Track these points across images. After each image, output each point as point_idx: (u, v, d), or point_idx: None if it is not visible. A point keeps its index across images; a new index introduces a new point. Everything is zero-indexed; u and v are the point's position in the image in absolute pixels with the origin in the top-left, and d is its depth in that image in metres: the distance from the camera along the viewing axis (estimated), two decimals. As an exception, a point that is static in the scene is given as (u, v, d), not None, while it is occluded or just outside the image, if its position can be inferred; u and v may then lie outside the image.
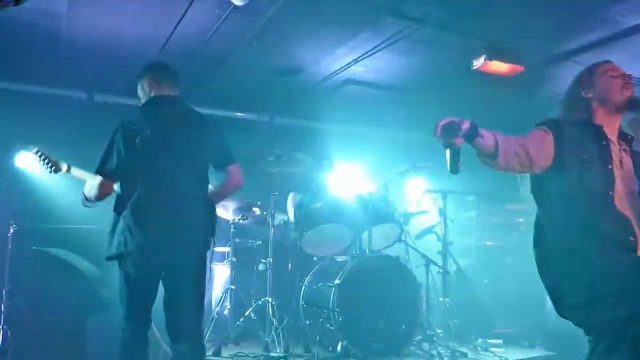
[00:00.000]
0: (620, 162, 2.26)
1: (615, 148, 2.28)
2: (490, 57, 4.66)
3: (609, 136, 2.28)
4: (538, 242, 2.31)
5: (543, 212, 2.30)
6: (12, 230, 4.44)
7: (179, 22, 4.13)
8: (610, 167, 2.21)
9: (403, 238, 4.81)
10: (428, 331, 4.35)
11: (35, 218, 4.80)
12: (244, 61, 4.90)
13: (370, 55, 4.80)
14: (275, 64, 5.02)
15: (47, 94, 5.23)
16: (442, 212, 5.08)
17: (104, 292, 4.28)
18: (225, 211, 4.74)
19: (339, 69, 5.17)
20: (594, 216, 2.14)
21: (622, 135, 2.38)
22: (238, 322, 4.27)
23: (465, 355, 4.17)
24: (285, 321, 4.20)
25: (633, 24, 4.15)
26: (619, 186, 2.20)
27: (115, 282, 2.92)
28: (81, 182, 3.11)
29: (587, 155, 2.21)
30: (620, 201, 2.18)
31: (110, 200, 3.23)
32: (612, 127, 2.32)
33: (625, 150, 2.33)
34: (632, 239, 2.12)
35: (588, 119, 2.30)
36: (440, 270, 4.92)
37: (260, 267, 4.72)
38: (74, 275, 4.23)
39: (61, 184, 5.26)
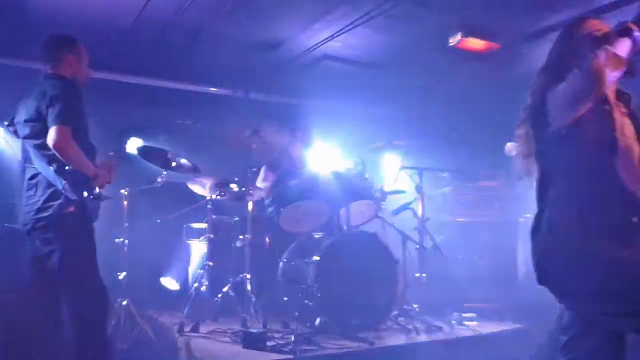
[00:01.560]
0: (623, 128, 2.10)
1: (617, 111, 2.11)
2: (466, 34, 4.69)
3: (610, 100, 2.10)
4: (537, 212, 2.15)
5: (546, 182, 2.12)
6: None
7: (154, -8, 4.03)
8: (614, 135, 2.06)
9: (380, 214, 4.84)
10: (405, 306, 4.42)
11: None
12: (219, 35, 4.82)
13: (347, 30, 4.77)
14: (251, 39, 4.95)
15: (13, 67, 5.03)
16: (419, 189, 5.12)
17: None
18: (202, 188, 4.68)
19: (315, 44, 5.12)
20: (599, 189, 2.03)
21: (620, 95, 2.20)
22: (216, 299, 4.26)
23: (440, 329, 4.25)
24: (263, 297, 4.20)
25: (608, 1, 4.19)
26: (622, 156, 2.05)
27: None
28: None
29: (599, 119, 2.06)
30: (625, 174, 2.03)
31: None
32: (609, 92, 2.11)
33: (625, 114, 2.15)
34: (635, 220, 1.99)
35: None
36: (417, 246, 4.98)
37: (238, 243, 4.69)
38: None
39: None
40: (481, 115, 6.13)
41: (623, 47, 2.00)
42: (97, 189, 3.02)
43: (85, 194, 2.90)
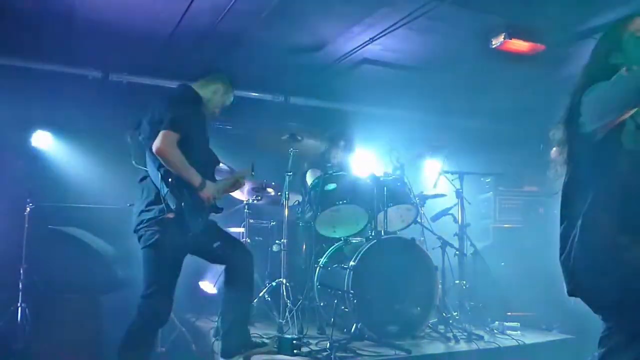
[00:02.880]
0: None
1: None
2: (509, 36, 4.55)
3: None
4: (565, 220, 2.04)
5: (578, 187, 2.02)
6: (28, 209, 4.48)
7: (192, 0, 4.08)
8: None
9: (419, 220, 4.75)
10: (444, 313, 4.31)
11: (51, 197, 4.84)
12: (258, 39, 4.84)
13: (387, 33, 4.71)
14: (290, 43, 4.96)
15: (62, 73, 5.22)
16: (459, 194, 5.01)
17: (120, 271, 4.31)
18: (240, 191, 4.72)
19: (355, 48, 5.08)
20: (637, 198, 1.90)
21: None
22: (252, 303, 4.27)
23: (481, 337, 4.12)
24: (299, 302, 4.18)
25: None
26: None
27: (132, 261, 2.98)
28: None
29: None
30: None
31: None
32: None
33: None
34: None
35: None
36: (457, 253, 4.87)
37: (275, 248, 4.70)
38: (89, 254, 4.27)
39: (77, 163, 5.31)
40: (526, 118, 5.96)
41: None
42: (210, 200, 3.08)
43: (185, 203, 2.93)
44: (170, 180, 2.93)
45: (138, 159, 3.13)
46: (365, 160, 5.25)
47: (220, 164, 4.18)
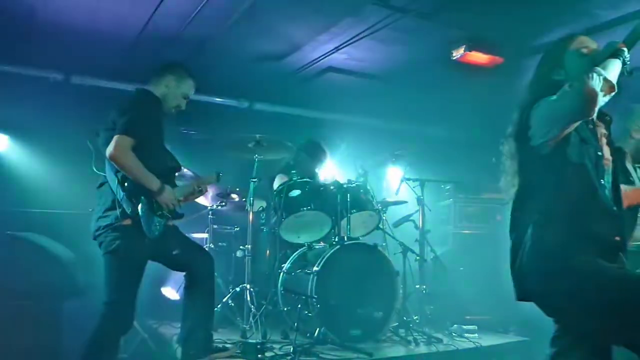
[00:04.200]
0: (602, 149, 2.14)
1: (599, 132, 2.16)
2: (470, 48, 4.71)
3: (595, 119, 2.14)
4: (515, 229, 2.16)
5: (528, 196, 2.12)
6: (-15, 214, 4.36)
7: (159, 4, 4.07)
8: (599, 153, 2.09)
9: (381, 226, 4.85)
10: (405, 317, 4.41)
11: (9, 202, 4.72)
12: (224, 45, 4.86)
13: (352, 42, 4.80)
14: (256, 49, 4.99)
15: (21, 75, 5.10)
16: (420, 201, 5.13)
17: (81, 277, 4.24)
18: (204, 197, 4.71)
19: (320, 56, 5.16)
20: (584, 208, 2.02)
21: (602, 116, 2.21)
22: (216, 309, 4.25)
23: (440, 340, 4.23)
24: (263, 308, 4.20)
25: (611, 18, 4.21)
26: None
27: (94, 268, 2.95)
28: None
29: (585, 136, 2.07)
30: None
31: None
32: None
33: (604, 135, 2.19)
34: (618, 238, 2.03)
35: None
36: (418, 258, 4.98)
37: (239, 253, 4.71)
38: (49, 259, 4.18)
39: (36, 167, 5.19)
40: (485, 127, 6.14)
41: (614, 70, 1.99)
42: (169, 206, 3.05)
43: (140, 208, 2.90)
44: (126, 184, 2.91)
45: (98, 165, 3.10)
46: (329, 167, 5.31)
47: (184, 170, 4.20)
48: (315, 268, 3.99)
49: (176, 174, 3.34)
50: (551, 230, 2.01)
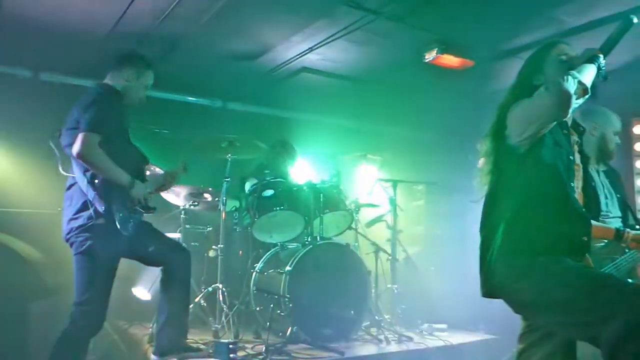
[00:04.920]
0: (573, 153, 2.21)
1: (572, 139, 2.24)
2: (441, 51, 4.77)
3: (568, 126, 2.22)
4: (486, 226, 2.20)
5: (501, 195, 2.16)
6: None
7: (131, 1, 4.02)
8: (571, 158, 2.16)
9: (353, 226, 4.89)
10: (376, 316, 4.45)
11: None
12: (198, 44, 4.83)
13: (325, 43, 4.82)
14: (230, 49, 4.97)
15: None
16: (392, 201, 5.19)
17: (49, 278, 4.17)
18: (176, 197, 4.68)
19: (294, 56, 5.16)
20: (555, 207, 2.08)
21: (575, 126, 2.31)
22: (189, 303, 4.23)
23: (410, 339, 4.29)
24: (235, 307, 4.20)
25: (578, 24, 4.33)
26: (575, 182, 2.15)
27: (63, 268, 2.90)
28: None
29: (559, 140, 2.14)
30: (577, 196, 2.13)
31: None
32: (567, 118, 2.21)
33: (577, 143, 2.29)
34: (585, 238, 2.09)
35: None
36: (389, 258, 5.03)
37: (211, 253, 4.69)
38: (16, 260, 4.10)
39: (3, 166, 5.07)
40: (457, 129, 6.24)
41: (589, 74, 2.07)
42: (141, 200, 3.01)
43: (113, 205, 2.86)
44: (96, 183, 2.86)
45: (64, 166, 3.05)
46: (302, 167, 5.33)
47: (155, 168, 4.15)
48: (287, 267, 4.01)
49: (145, 168, 3.29)
50: (522, 227, 2.06)
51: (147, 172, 4.01)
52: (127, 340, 4.36)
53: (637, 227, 3.21)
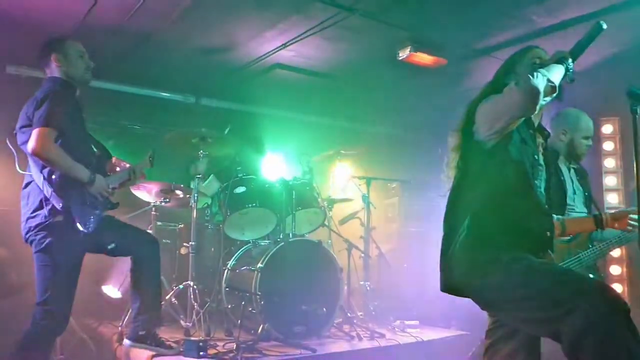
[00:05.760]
0: (538, 153, 2.26)
1: (537, 141, 2.28)
2: (415, 49, 4.79)
3: (535, 127, 2.29)
4: (449, 220, 2.22)
5: (467, 189, 2.19)
6: None
7: (100, -5, 3.95)
8: (536, 157, 2.22)
9: (326, 223, 4.88)
10: (349, 313, 4.46)
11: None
12: (170, 38, 4.75)
13: (299, 40, 4.80)
14: (202, 44, 4.91)
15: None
16: (366, 199, 5.20)
17: (14, 275, 4.08)
18: (147, 193, 4.61)
19: (267, 52, 5.13)
20: (520, 203, 2.12)
21: (541, 131, 2.36)
22: (160, 291, 4.15)
23: (383, 335, 4.31)
24: (207, 305, 4.17)
25: (548, 24, 4.39)
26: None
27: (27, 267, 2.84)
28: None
29: (525, 138, 2.19)
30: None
31: (21, 181, 3.08)
32: (535, 118, 2.30)
33: (542, 145, 2.33)
34: (548, 233, 2.13)
35: None
36: (362, 255, 5.05)
37: (182, 250, 4.64)
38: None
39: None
40: (431, 127, 6.28)
41: (556, 73, 2.11)
42: (102, 196, 2.93)
43: (72, 203, 2.78)
44: (53, 179, 2.79)
45: (21, 164, 2.98)
46: (275, 164, 5.31)
47: (125, 164, 4.08)
48: (259, 265, 3.99)
49: (107, 163, 3.23)
50: (486, 223, 2.09)
51: (118, 168, 3.97)
52: (96, 339, 4.29)
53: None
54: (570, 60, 2.19)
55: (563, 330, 1.82)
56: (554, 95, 2.10)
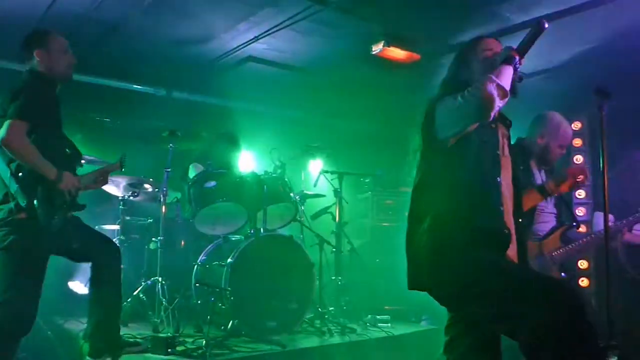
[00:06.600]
0: (503, 148, 2.26)
1: (500, 132, 2.28)
2: (388, 43, 4.79)
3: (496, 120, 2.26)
4: (411, 218, 2.22)
5: (428, 188, 2.20)
6: None
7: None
8: (498, 152, 2.21)
9: (298, 218, 4.85)
10: (320, 309, 4.44)
11: None
12: (139, 29, 4.67)
13: (272, 32, 4.76)
14: (173, 35, 4.83)
15: None
16: (338, 193, 5.19)
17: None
18: (115, 187, 4.52)
19: (240, 45, 5.08)
20: (478, 203, 2.11)
21: (502, 119, 2.35)
22: (126, 303, 4.11)
23: (354, 330, 4.31)
24: (176, 301, 4.11)
25: (520, 21, 4.43)
26: (503, 173, 2.20)
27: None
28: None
29: (486, 137, 2.18)
30: (504, 189, 2.18)
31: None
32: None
33: (505, 135, 2.32)
34: (506, 231, 2.13)
35: None
36: (334, 250, 5.04)
37: (152, 245, 4.56)
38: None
39: None
40: (404, 122, 6.28)
41: (507, 75, 2.09)
42: (70, 196, 2.84)
43: (37, 200, 2.69)
44: (20, 175, 2.70)
45: None
46: (246, 158, 5.26)
47: (93, 158, 4.00)
48: (229, 260, 3.94)
49: (77, 162, 3.14)
50: (447, 222, 2.09)
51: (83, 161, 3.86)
52: (62, 337, 4.18)
53: (574, 223, 3.35)
54: (517, 59, 2.16)
55: (519, 328, 1.85)
56: (507, 99, 2.09)
